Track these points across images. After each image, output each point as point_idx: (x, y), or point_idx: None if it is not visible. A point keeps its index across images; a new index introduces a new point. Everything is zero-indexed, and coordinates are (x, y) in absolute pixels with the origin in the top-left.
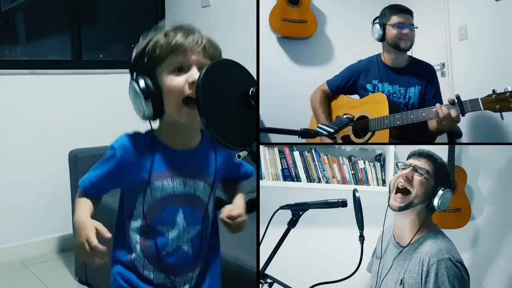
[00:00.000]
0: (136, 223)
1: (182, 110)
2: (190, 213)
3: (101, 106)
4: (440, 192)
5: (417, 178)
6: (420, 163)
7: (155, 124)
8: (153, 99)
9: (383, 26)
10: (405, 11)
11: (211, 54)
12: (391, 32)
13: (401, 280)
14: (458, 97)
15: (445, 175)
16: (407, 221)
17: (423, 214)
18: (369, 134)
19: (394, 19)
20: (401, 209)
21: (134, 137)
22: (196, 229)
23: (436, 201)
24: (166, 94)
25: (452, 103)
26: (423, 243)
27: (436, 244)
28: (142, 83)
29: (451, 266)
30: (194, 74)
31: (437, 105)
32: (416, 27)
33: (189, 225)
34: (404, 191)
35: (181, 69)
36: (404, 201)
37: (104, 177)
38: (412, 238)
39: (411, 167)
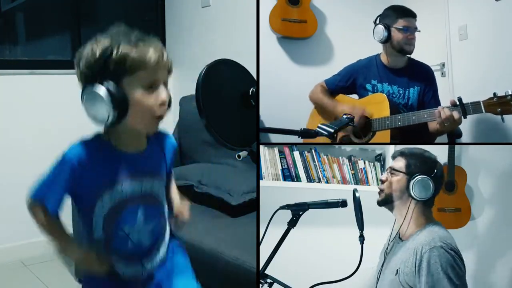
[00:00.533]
0: (98, 226)
1: (151, 124)
2: (148, 210)
3: None
4: (412, 181)
5: (388, 179)
6: (395, 163)
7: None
8: (120, 107)
9: (388, 28)
10: (411, 15)
11: (170, 68)
12: (397, 36)
13: (397, 270)
14: (460, 99)
15: (418, 166)
16: (402, 216)
17: (418, 209)
18: (370, 134)
19: (401, 22)
20: (378, 203)
21: (86, 144)
22: (154, 223)
23: (411, 191)
24: (135, 108)
25: (453, 104)
26: (417, 235)
27: (430, 234)
28: (112, 90)
29: (444, 254)
30: (162, 93)
31: (440, 106)
32: (419, 31)
33: (147, 220)
34: (382, 191)
35: (150, 86)
36: (379, 198)
37: (65, 191)
38: (408, 231)
39: (387, 170)
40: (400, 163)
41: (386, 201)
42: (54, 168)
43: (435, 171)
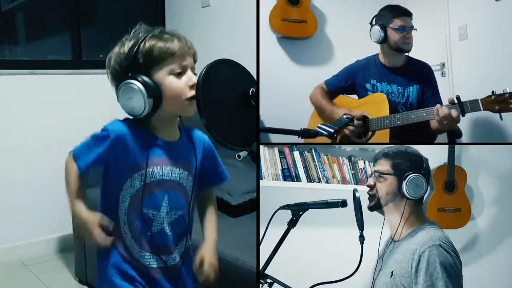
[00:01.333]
0: (123, 206)
1: (186, 107)
2: (174, 199)
3: (101, 106)
4: (404, 182)
5: (377, 183)
6: (380, 166)
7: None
8: (155, 96)
9: (384, 29)
10: (406, 14)
11: (196, 58)
12: (394, 36)
13: (392, 272)
14: (458, 98)
15: (406, 165)
16: (395, 218)
17: (410, 208)
18: (369, 134)
19: (397, 22)
20: (370, 209)
21: (127, 123)
22: (178, 213)
23: (405, 192)
24: (168, 94)
25: (452, 103)
26: (414, 236)
27: (428, 234)
28: (145, 81)
29: (443, 253)
30: (191, 76)
31: (438, 105)
32: (416, 29)
33: (172, 209)
34: (372, 196)
35: (179, 72)
36: (371, 202)
37: (98, 160)
38: (402, 232)
39: (373, 175)
40: (386, 165)
41: (378, 206)
42: (94, 137)
43: (424, 166)
